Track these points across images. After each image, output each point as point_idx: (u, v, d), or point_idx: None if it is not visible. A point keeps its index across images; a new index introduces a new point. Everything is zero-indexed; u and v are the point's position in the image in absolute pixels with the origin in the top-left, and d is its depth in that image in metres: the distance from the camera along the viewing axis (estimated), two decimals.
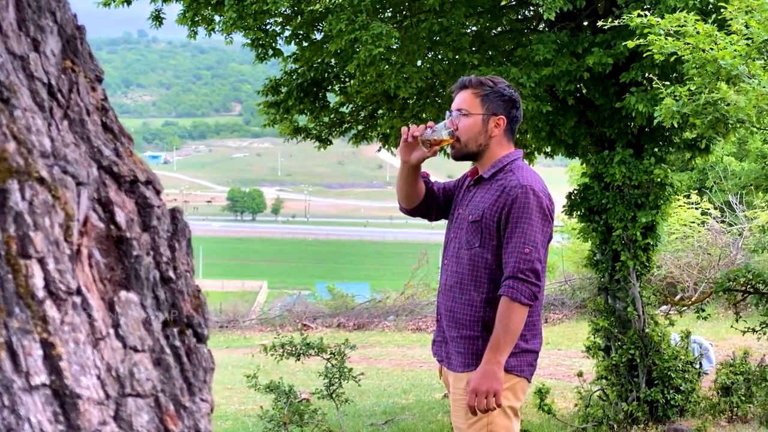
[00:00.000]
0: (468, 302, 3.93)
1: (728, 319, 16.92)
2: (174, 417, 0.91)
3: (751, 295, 5.67)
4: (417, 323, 22.26)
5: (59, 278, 0.83)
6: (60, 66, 0.89)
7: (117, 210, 0.91)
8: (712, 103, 5.15)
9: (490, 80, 4.04)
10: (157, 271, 0.95)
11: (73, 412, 0.82)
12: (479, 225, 3.92)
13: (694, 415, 9.09)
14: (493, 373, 3.76)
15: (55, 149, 0.85)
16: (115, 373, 0.86)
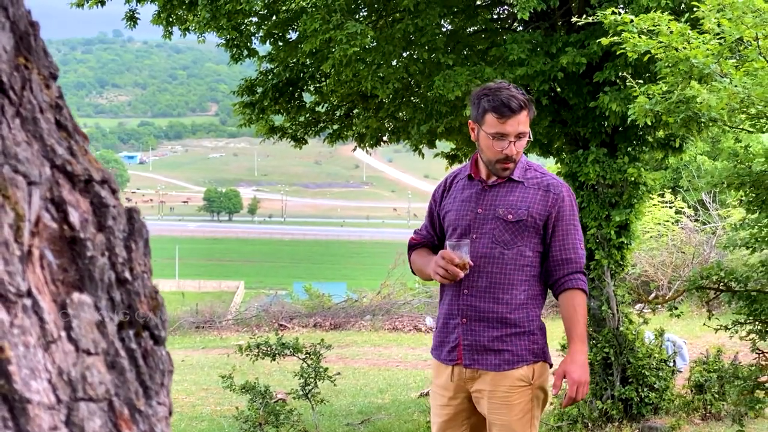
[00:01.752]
0: (512, 301, 3.98)
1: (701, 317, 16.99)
2: (128, 421, 0.90)
3: (723, 292, 5.68)
4: (393, 323, 22.25)
5: (8, 280, 0.81)
6: (12, 63, 0.87)
7: (70, 210, 0.89)
8: (684, 102, 5.17)
9: (523, 93, 3.99)
10: (113, 272, 0.93)
11: (23, 417, 0.80)
12: (524, 224, 3.98)
13: (668, 413, 9.12)
14: (586, 363, 3.97)
15: (6, 148, 0.83)
16: (67, 377, 0.85)
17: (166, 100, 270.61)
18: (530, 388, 3.96)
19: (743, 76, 5.03)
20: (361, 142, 10.82)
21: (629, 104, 7.55)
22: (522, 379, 3.95)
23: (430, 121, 8.92)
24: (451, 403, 4.14)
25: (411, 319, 22.36)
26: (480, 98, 3.97)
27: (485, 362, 4.01)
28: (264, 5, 8.97)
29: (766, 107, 4.75)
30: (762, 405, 5.86)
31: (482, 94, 3.96)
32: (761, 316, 5.58)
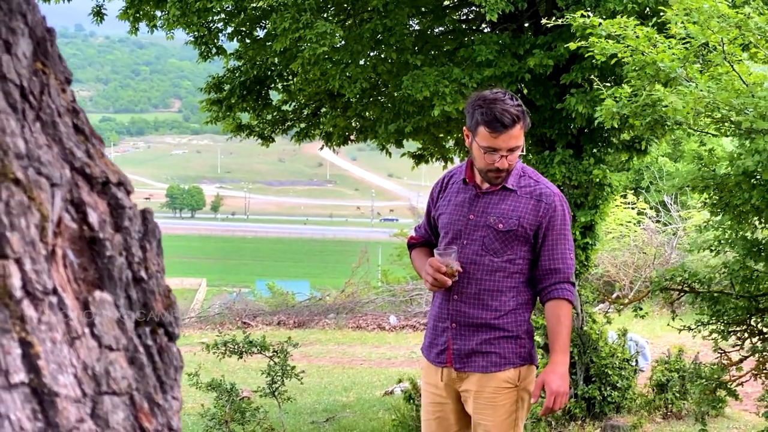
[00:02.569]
0: (501, 307, 4.02)
1: (663, 317, 17.21)
2: (148, 415, 0.93)
3: (687, 294, 5.77)
4: (357, 321, 22.28)
5: (36, 278, 0.85)
6: (31, 68, 0.90)
7: (90, 211, 0.93)
8: (650, 105, 5.24)
9: (518, 103, 3.98)
10: (130, 272, 0.96)
11: (52, 410, 0.83)
12: (515, 234, 4.00)
13: (630, 412, 9.23)
14: (566, 374, 3.98)
15: (29, 151, 0.86)
16: (91, 371, 0.88)
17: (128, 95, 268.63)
18: (516, 390, 4.02)
19: (708, 80, 5.11)
20: (329, 141, 10.85)
21: (595, 106, 7.63)
22: (508, 381, 4.01)
23: (398, 121, 8.97)
24: (442, 402, 4.20)
25: (375, 318, 22.40)
26: (474, 108, 3.96)
27: (473, 364, 4.06)
28: (232, 2, 8.98)
29: (730, 111, 4.83)
30: (723, 404, 5.96)
31: (477, 105, 3.95)
32: (723, 317, 5.67)
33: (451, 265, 3.97)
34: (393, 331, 20.94)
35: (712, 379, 5.73)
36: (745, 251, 5.24)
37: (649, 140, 9.14)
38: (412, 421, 8.85)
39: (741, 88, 4.88)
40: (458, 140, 10.29)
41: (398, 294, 23.62)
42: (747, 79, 5.24)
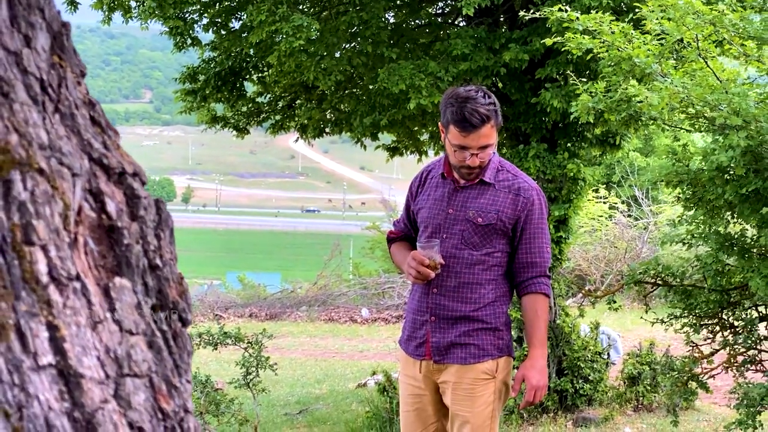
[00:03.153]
0: (480, 298, 4.05)
1: (633, 311, 17.35)
2: (166, 396, 0.96)
3: (660, 287, 5.84)
4: (329, 314, 22.30)
5: (60, 264, 0.87)
6: (49, 61, 0.92)
7: (108, 200, 0.95)
8: (626, 100, 5.29)
9: (490, 102, 3.98)
10: (146, 259, 0.99)
11: (77, 391, 0.86)
12: (493, 228, 4.05)
13: (601, 405, 9.32)
14: (545, 368, 4.04)
15: (51, 141, 0.88)
16: (114, 354, 0.91)
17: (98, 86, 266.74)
18: (493, 381, 4.05)
19: (683, 76, 5.17)
20: (304, 133, 10.85)
21: (570, 101, 7.70)
22: (486, 373, 4.04)
23: (373, 114, 8.98)
24: (420, 394, 4.23)
25: (347, 311, 22.43)
26: (447, 106, 3.99)
27: (452, 356, 4.09)
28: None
29: (704, 107, 4.89)
30: (694, 396, 6.04)
31: (449, 103, 3.98)
32: (695, 311, 5.74)
33: (434, 258, 4.00)
34: (365, 323, 20.99)
35: (683, 371, 5.80)
36: (717, 245, 5.31)
37: (623, 135, 9.22)
38: (386, 413, 8.89)
39: (715, 84, 4.95)
40: (433, 133, 10.33)
41: (370, 287, 23.65)
42: (721, 76, 5.31)
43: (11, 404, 0.79)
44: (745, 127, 4.54)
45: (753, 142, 4.52)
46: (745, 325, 5.51)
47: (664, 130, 5.75)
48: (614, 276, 18.71)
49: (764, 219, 4.68)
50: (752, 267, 4.94)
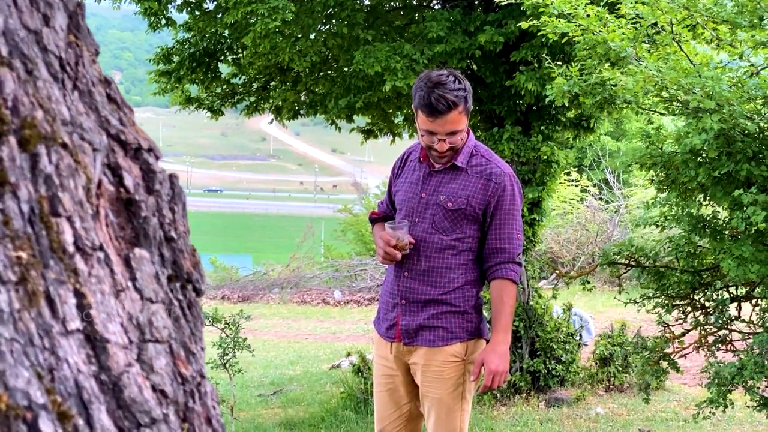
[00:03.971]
0: (449, 282, 4.07)
1: (604, 293, 17.49)
2: (184, 362, 1.00)
3: (633, 268, 5.92)
4: (302, 296, 22.34)
5: (85, 235, 0.91)
6: (66, 40, 0.95)
7: (125, 174, 0.99)
8: (601, 84, 5.35)
9: (459, 87, 3.96)
10: (162, 231, 1.03)
11: (103, 355, 0.90)
12: (463, 212, 4.05)
13: (573, 385, 9.42)
14: (506, 354, 3.98)
15: (72, 118, 0.92)
16: (136, 321, 0.94)
17: None
18: (462, 363, 4.07)
19: (657, 60, 5.23)
20: (278, 115, 10.86)
21: (544, 84, 7.76)
22: (455, 355, 4.06)
23: (348, 96, 9.00)
24: (392, 375, 4.27)
25: (319, 293, 22.47)
26: (417, 90, 3.99)
27: (420, 339, 4.12)
28: None
29: (678, 91, 4.95)
30: (665, 375, 6.13)
31: (419, 87, 3.98)
32: (668, 291, 5.82)
33: (401, 239, 4.03)
34: (338, 305, 21.05)
35: (655, 351, 5.88)
36: (690, 227, 5.38)
37: (597, 118, 9.30)
38: (360, 394, 8.96)
39: (688, 68, 5.00)
40: (408, 116, 10.36)
41: (342, 269, 23.71)
42: (694, 60, 5.38)
43: (43, 367, 0.83)
44: (718, 111, 4.60)
45: (726, 126, 4.59)
46: (716, 305, 5.59)
47: (638, 114, 5.81)
48: (586, 258, 18.85)
49: (736, 201, 4.76)
50: (724, 248, 5.02)
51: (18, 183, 0.83)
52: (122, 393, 0.89)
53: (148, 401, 0.91)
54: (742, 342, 5.60)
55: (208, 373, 8.47)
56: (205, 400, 1.02)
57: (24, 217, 0.84)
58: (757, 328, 5.49)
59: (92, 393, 0.86)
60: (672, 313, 5.93)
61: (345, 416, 8.72)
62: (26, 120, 0.84)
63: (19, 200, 0.83)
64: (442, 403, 4.09)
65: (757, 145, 4.75)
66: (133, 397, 0.90)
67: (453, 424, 4.10)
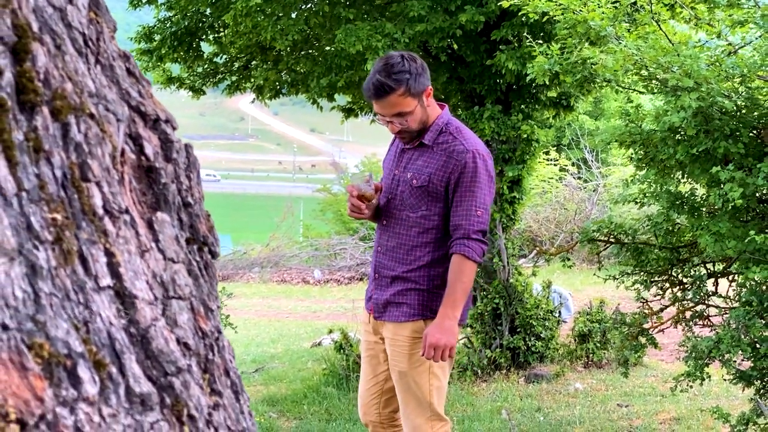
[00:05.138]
0: (414, 261, 4.13)
1: (583, 271, 17.63)
2: (204, 318, 1.07)
3: (613, 245, 6.01)
4: (282, 275, 22.40)
5: (112, 199, 0.97)
6: (87, 17, 1.01)
7: (145, 144, 1.05)
8: (581, 62, 5.41)
9: (402, 69, 3.99)
10: (180, 197, 1.09)
11: (132, 310, 0.96)
12: (426, 190, 4.09)
13: (553, 361, 9.54)
14: (451, 329, 4.00)
15: (97, 90, 0.98)
16: (160, 279, 1.01)
17: None
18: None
19: (636, 39, 5.30)
20: (260, 95, 10.88)
21: (525, 63, 7.82)
22: (418, 332, 4.12)
23: (330, 75, 9.04)
24: (374, 341, 4.37)
25: (299, 272, 22.53)
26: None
27: (388, 314, 4.21)
28: None
29: (657, 69, 5.02)
30: (644, 350, 6.22)
31: (372, 69, 4.06)
32: (646, 267, 5.91)
33: (364, 190, 4.11)
34: (317, 284, 21.13)
35: (634, 326, 5.98)
36: (668, 204, 5.46)
37: (576, 97, 9.38)
38: (342, 371, 9.04)
39: (667, 47, 5.08)
40: None
41: (322, 248, 23.77)
42: (673, 39, 5.46)
43: (78, 319, 0.89)
44: (696, 89, 4.68)
45: (704, 104, 4.67)
46: (694, 281, 5.68)
47: (618, 92, 5.87)
48: (564, 237, 18.98)
49: (713, 178, 4.84)
50: (701, 225, 5.11)
51: (51, 150, 0.89)
52: (150, 345, 0.96)
53: (174, 352, 0.98)
54: (718, 317, 5.71)
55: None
56: (223, 354, 1.08)
57: (57, 182, 0.90)
58: (733, 303, 5.59)
59: (123, 344, 0.92)
60: (650, 289, 6.02)
61: (327, 392, 8.80)
62: (57, 92, 0.89)
63: (53, 166, 0.89)
64: (407, 377, 4.16)
65: (735, 123, 4.83)
66: (160, 348, 0.96)
67: (420, 399, 4.16)
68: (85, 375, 0.86)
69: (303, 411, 8.26)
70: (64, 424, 0.80)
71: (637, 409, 7.79)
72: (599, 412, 7.74)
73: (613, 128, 5.71)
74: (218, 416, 1.00)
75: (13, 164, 0.82)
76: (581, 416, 7.57)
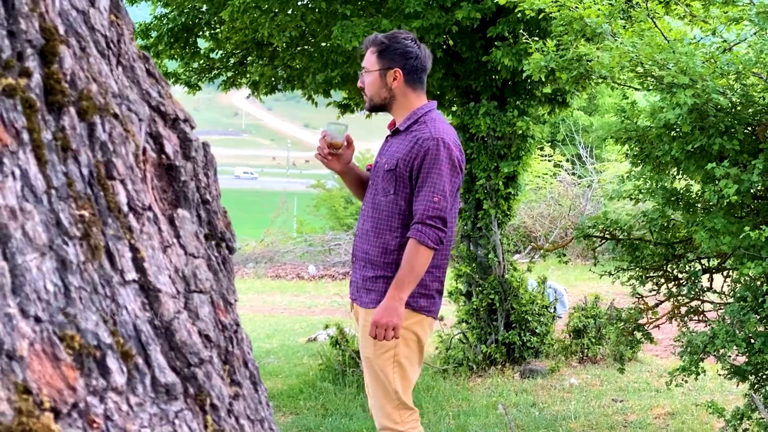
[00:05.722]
0: (383, 246, 4.17)
1: (577, 267, 17.69)
2: (224, 311, 1.10)
3: (608, 240, 6.05)
4: (276, 270, 22.41)
5: (136, 197, 1.00)
6: (108, 20, 1.04)
7: (166, 143, 1.08)
8: (577, 59, 5.45)
9: (391, 35, 4.25)
10: (198, 194, 1.12)
11: (156, 303, 1.00)
12: (394, 174, 4.15)
13: (548, 357, 9.58)
14: (395, 309, 4.03)
15: (120, 90, 1.01)
16: (182, 273, 1.04)
17: None
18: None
19: (632, 36, 5.34)
20: (256, 90, 10.90)
21: (521, 59, 7.86)
22: None
23: (326, 71, 9.07)
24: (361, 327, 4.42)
25: (294, 267, 22.54)
26: None
27: (359, 299, 4.27)
28: None
29: (652, 66, 5.06)
30: (639, 345, 6.27)
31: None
32: (641, 263, 5.95)
33: (332, 138, 4.25)
34: (312, 280, 21.14)
35: (630, 321, 6.02)
36: (664, 200, 5.50)
37: (572, 93, 9.42)
38: (338, 366, 9.06)
39: (663, 44, 5.11)
40: None
41: (316, 244, 23.78)
42: (668, 36, 5.49)
43: (106, 312, 0.92)
44: (691, 86, 4.71)
45: (699, 100, 4.71)
46: (689, 277, 5.72)
47: (613, 89, 5.92)
48: (559, 233, 19.02)
49: (708, 174, 4.88)
50: (696, 221, 5.15)
51: (78, 149, 0.92)
52: (173, 337, 0.99)
53: (196, 344, 1.01)
54: (713, 312, 5.75)
55: None
56: (242, 346, 1.12)
57: (84, 180, 0.93)
58: (728, 298, 5.63)
59: (149, 336, 0.95)
60: (646, 284, 6.06)
61: (323, 387, 8.83)
62: (83, 93, 0.92)
63: (80, 164, 0.93)
64: (372, 363, 4.21)
65: (730, 120, 4.87)
66: (183, 340, 1.00)
67: (386, 387, 4.20)
68: (114, 365, 0.89)
69: (299, 406, 8.28)
70: (95, 413, 0.83)
71: (631, 404, 7.83)
72: (594, 407, 7.78)
73: (609, 125, 5.76)
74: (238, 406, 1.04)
75: (42, 163, 0.86)
76: (576, 411, 7.62)
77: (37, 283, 0.81)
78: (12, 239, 0.79)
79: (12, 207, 0.80)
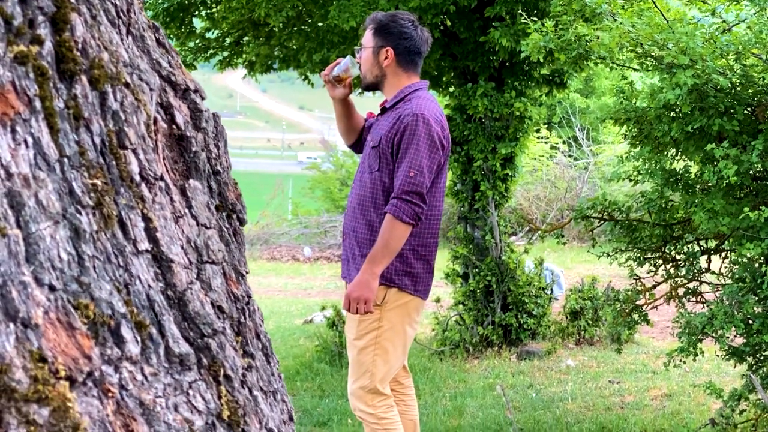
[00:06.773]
0: (368, 223, 4.17)
1: (574, 248, 17.70)
2: (235, 282, 1.09)
3: (606, 222, 6.04)
4: (272, 253, 22.41)
5: (148, 166, 0.99)
6: None
7: (176, 113, 1.07)
8: (576, 39, 5.42)
9: (391, 15, 4.30)
10: (209, 165, 1.11)
11: (169, 273, 0.99)
12: (378, 150, 4.17)
13: (544, 338, 9.60)
14: (367, 283, 4.02)
15: (131, 59, 1.00)
16: (194, 244, 1.03)
17: None
18: (378, 308, 4.15)
19: (631, 16, 5.32)
20: (251, 70, 10.86)
21: (518, 40, 7.83)
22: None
23: (322, 51, 9.04)
24: None
25: (289, 249, 22.54)
26: None
27: (350, 277, 4.26)
28: None
29: (652, 46, 5.04)
30: (636, 326, 6.27)
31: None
32: (640, 244, 5.95)
33: (340, 72, 4.36)
34: (308, 262, 21.15)
35: (627, 302, 6.02)
36: (662, 181, 5.49)
37: (570, 74, 9.39)
38: (335, 347, 9.08)
39: (662, 24, 5.09)
40: None
41: (312, 226, 23.77)
42: (667, 16, 5.47)
43: (120, 282, 0.91)
44: (691, 66, 4.70)
45: (699, 81, 4.69)
46: (687, 258, 5.72)
47: (612, 69, 5.90)
48: (555, 215, 19.02)
49: (708, 155, 4.88)
50: (695, 202, 5.15)
51: (90, 118, 0.91)
52: (187, 307, 0.98)
53: (209, 315, 1.00)
54: (711, 293, 5.75)
55: None
56: (254, 317, 1.11)
57: (96, 149, 0.92)
58: (726, 279, 5.63)
59: (162, 306, 0.95)
60: (643, 266, 6.05)
61: (320, 369, 8.85)
62: (95, 61, 0.91)
63: (92, 133, 0.92)
64: (353, 341, 4.24)
65: (729, 101, 4.86)
66: (196, 311, 0.99)
67: (362, 364, 4.21)
68: (128, 335, 0.88)
69: (296, 387, 8.30)
70: (110, 382, 0.83)
71: (628, 385, 7.85)
72: (591, 389, 7.80)
73: (608, 106, 5.75)
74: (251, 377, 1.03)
75: (54, 131, 0.85)
76: (573, 392, 7.63)
77: (50, 251, 0.80)
78: (25, 207, 0.78)
79: (25, 175, 0.79)
